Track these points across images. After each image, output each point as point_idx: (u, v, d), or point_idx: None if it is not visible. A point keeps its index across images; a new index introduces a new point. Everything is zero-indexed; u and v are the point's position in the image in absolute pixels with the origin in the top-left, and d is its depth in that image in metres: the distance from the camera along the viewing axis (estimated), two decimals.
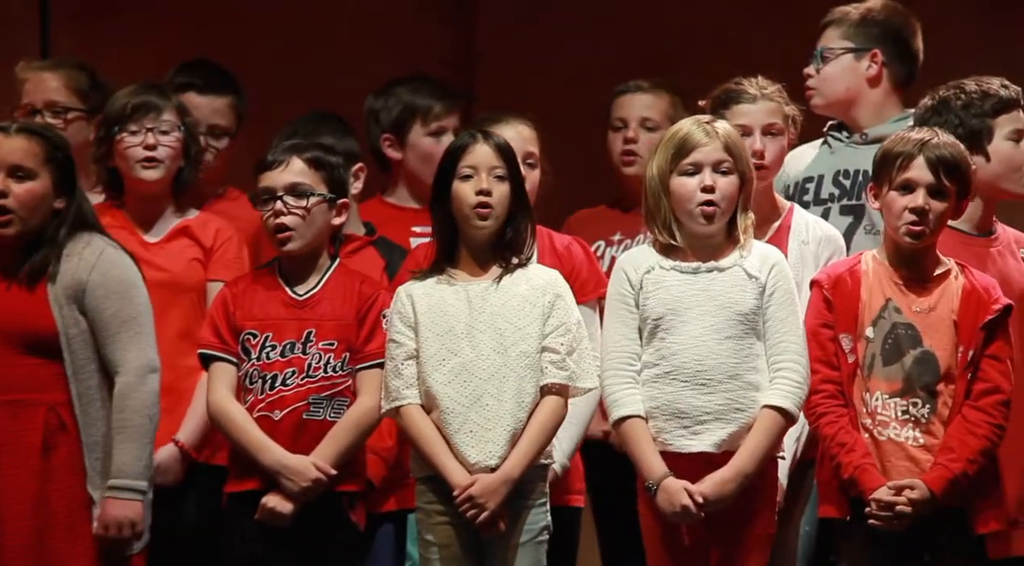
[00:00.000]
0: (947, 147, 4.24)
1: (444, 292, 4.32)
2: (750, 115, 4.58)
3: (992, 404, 4.18)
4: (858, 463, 4.16)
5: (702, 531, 4.21)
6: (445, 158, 4.36)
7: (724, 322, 4.22)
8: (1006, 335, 4.22)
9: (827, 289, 4.27)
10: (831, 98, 4.92)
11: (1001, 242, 4.57)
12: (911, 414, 4.19)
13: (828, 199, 4.86)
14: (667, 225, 4.27)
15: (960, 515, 4.18)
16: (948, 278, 4.25)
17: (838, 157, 4.92)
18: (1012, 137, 4.52)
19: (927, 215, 4.21)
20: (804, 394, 4.24)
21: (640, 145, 5.07)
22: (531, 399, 4.27)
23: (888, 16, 4.94)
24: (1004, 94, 4.52)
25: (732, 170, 4.25)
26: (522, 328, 4.29)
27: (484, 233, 4.32)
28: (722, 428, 4.20)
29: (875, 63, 4.91)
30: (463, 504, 4.21)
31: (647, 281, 4.27)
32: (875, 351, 4.22)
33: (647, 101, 5.10)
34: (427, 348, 4.29)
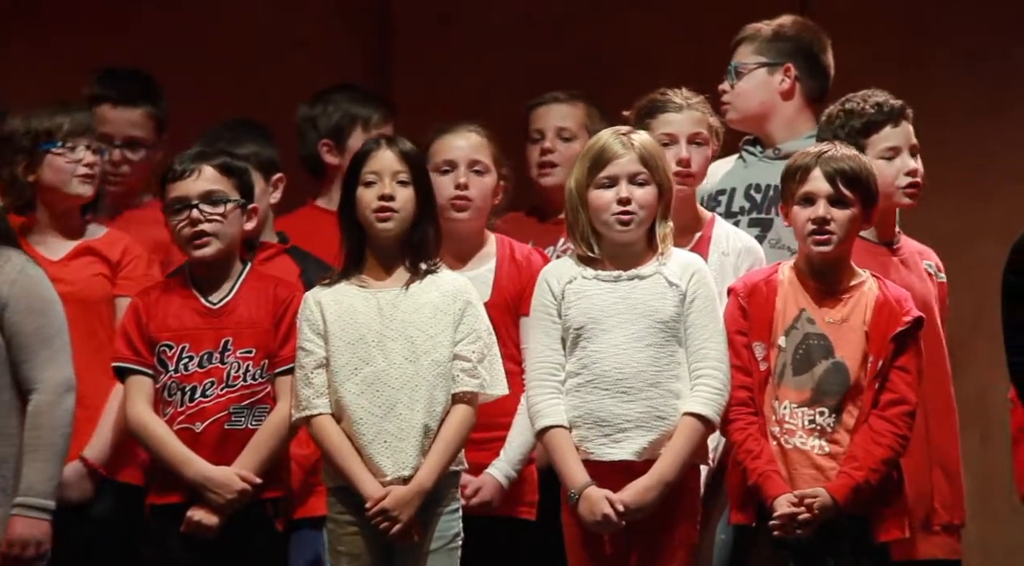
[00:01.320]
0: (845, 159, 4.29)
1: (354, 299, 4.32)
2: (676, 124, 4.62)
3: (897, 414, 4.23)
4: (762, 470, 4.21)
5: (624, 539, 4.23)
6: (350, 165, 4.40)
7: (645, 330, 4.25)
8: (916, 347, 4.27)
9: (742, 297, 4.31)
10: (746, 112, 4.98)
11: (904, 252, 4.63)
12: (817, 423, 4.23)
13: (739, 212, 4.91)
14: (586, 237, 4.31)
15: (863, 522, 4.22)
16: (862, 289, 4.30)
17: (751, 171, 4.97)
18: (885, 155, 4.56)
19: (829, 224, 4.25)
20: (725, 401, 4.28)
21: (557, 155, 5.12)
22: (442, 408, 4.29)
23: (799, 31, 5.01)
24: (873, 112, 4.56)
25: (649, 181, 4.29)
26: (433, 336, 4.31)
27: (387, 236, 4.33)
28: (643, 436, 4.23)
29: (788, 77, 4.97)
30: (376, 517, 4.22)
31: (569, 291, 4.30)
32: (786, 360, 4.26)
33: (563, 112, 5.14)
34: (338, 357, 4.29)
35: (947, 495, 4.55)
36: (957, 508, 4.57)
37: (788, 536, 4.18)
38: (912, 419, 4.24)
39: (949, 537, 4.56)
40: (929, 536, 4.52)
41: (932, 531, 4.53)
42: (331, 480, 4.33)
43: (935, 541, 4.54)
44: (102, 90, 5.00)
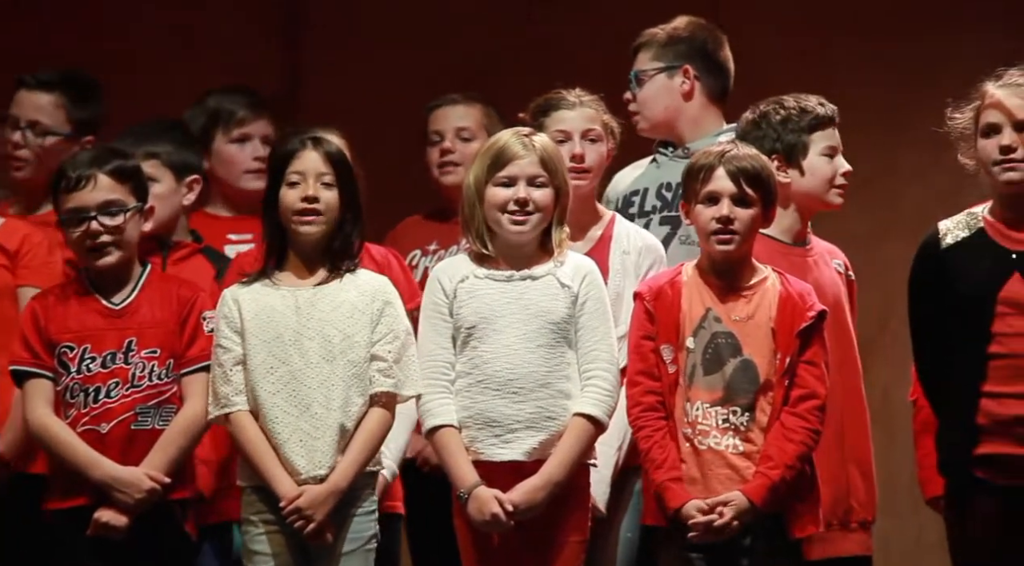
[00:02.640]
0: (747, 158, 4.31)
1: (271, 297, 4.32)
2: (569, 121, 4.64)
3: (808, 409, 4.23)
4: (661, 481, 4.22)
5: (514, 539, 4.24)
6: (274, 164, 4.37)
7: (536, 331, 4.26)
8: (821, 341, 4.28)
9: (648, 301, 4.32)
10: (653, 119, 4.99)
11: (816, 252, 4.65)
12: (731, 422, 4.24)
13: (651, 211, 4.92)
14: (480, 234, 4.32)
15: (777, 520, 4.23)
16: (765, 285, 4.31)
17: (663, 171, 4.98)
18: (826, 153, 4.60)
19: (733, 224, 4.26)
20: (614, 402, 4.29)
21: (457, 155, 5.14)
22: (358, 407, 4.29)
23: (693, 32, 5.02)
24: (820, 111, 4.60)
25: (547, 183, 4.30)
26: (351, 336, 4.31)
27: (311, 239, 4.33)
28: (533, 436, 4.24)
29: (687, 78, 4.98)
30: (290, 515, 4.21)
31: (461, 290, 4.31)
32: (696, 361, 4.26)
33: (461, 112, 5.17)
34: (255, 356, 4.29)
35: (862, 492, 4.55)
36: (870, 505, 4.58)
37: (707, 541, 4.18)
38: (823, 412, 4.25)
39: (865, 534, 4.57)
40: (847, 533, 4.53)
41: (850, 528, 4.54)
42: (247, 479, 4.32)
43: (853, 538, 4.55)
44: (24, 75, 4.98)
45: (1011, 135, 4.25)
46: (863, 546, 4.58)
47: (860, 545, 4.56)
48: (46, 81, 4.95)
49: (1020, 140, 4.25)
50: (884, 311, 4.72)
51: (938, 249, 4.36)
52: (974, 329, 4.26)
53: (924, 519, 4.62)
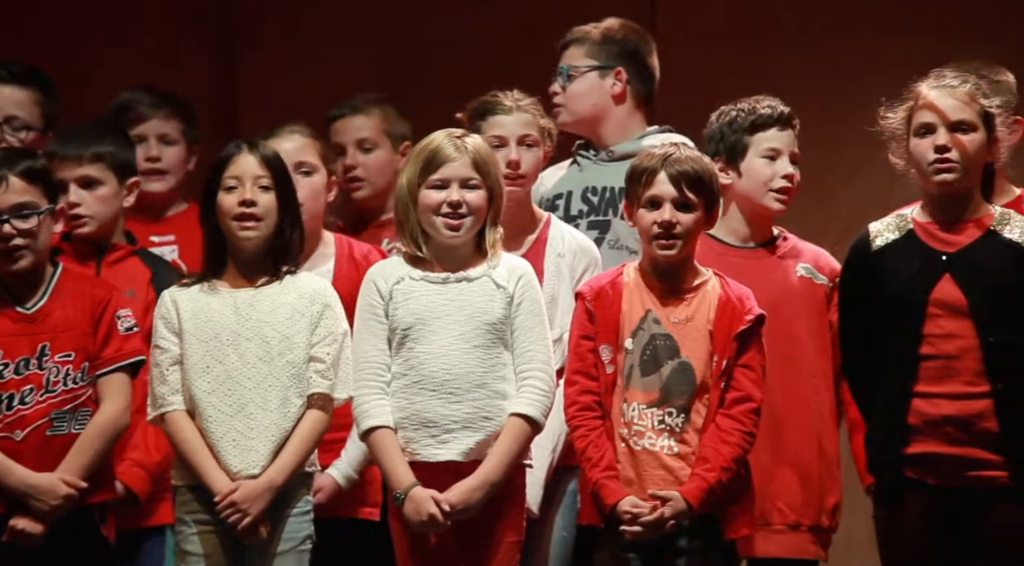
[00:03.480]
0: (689, 161, 4.31)
1: (210, 298, 4.32)
2: (506, 126, 4.64)
3: (743, 412, 4.25)
4: (598, 479, 4.22)
5: (451, 539, 4.24)
6: (211, 169, 4.37)
7: (472, 332, 4.27)
8: (759, 344, 4.30)
9: (589, 301, 4.32)
10: (579, 115, 4.99)
11: (779, 253, 4.64)
12: (666, 424, 4.25)
13: (577, 215, 4.92)
14: (415, 237, 4.32)
15: (712, 520, 4.25)
16: (705, 288, 4.32)
17: (586, 174, 4.98)
18: (767, 155, 4.60)
19: (674, 228, 4.27)
20: (550, 402, 4.30)
21: (360, 170, 5.11)
22: (296, 409, 4.29)
23: (627, 35, 5.03)
24: (764, 112, 4.60)
25: (480, 185, 4.31)
26: (289, 337, 4.31)
27: (249, 243, 4.32)
28: (469, 437, 4.25)
29: (619, 81, 4.99)
30: (225, 510, 4.21)
31: (396, 291, 4.31)
32: (634, 362, 4.28)
33: (359, 123, 5.14)
34: (191, 355, 4.29)
35: (796, 495, 4.54)
36: (809, 509, 4.56)
37: (641, 538, 4.19)
38: (757, 416, 4.26)
39: (796, 535, 4.55)
40: (770, 534, 4.53)
41: (773, 530, 4.54)
42: (182, 478, 4.31)
43: (776, 539, 4.53)
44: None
45: (946, 136, 4.28)
46: (789, 549, 4.55)
47: (785, 547, 4.54)
48: (18, 74, 4.89)
49: (954, 141, 4.29)
50: None
51: (868, 251, 4.39)
52: (905, 330, 4.29)
53: (854, 518, 4.65)
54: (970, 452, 4.23)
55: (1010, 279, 4.26)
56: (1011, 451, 4.22)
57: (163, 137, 5.09)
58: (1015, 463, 4.22)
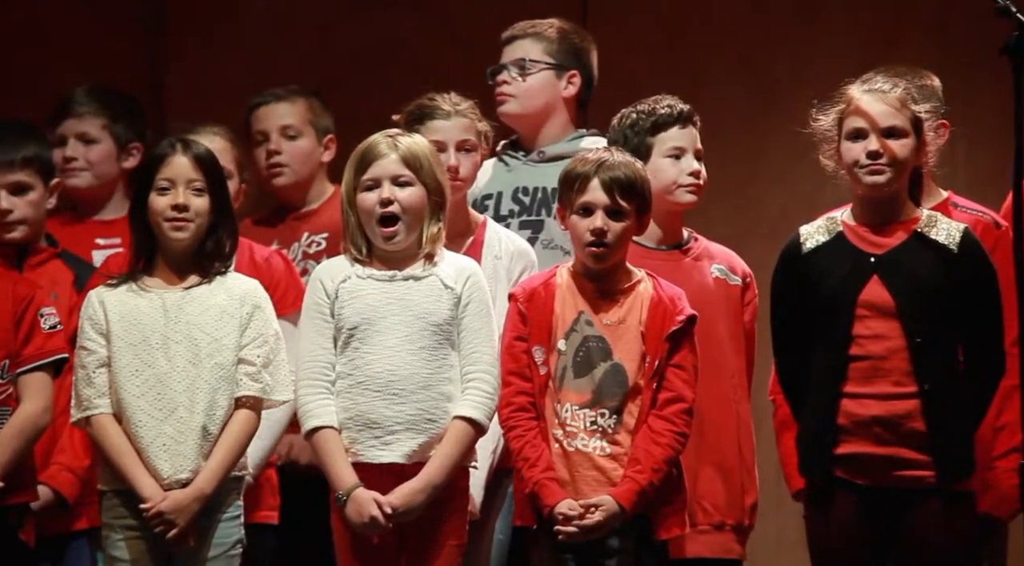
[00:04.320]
0: (622, 167, 4.32)
1: (138, 300, 4.28)
2: (444, 131, 4.63)
3: (675, 413, 4.27)
4: (537, 479, 4.23)
5: (393, 541, 4.24)
6: (143, 168, 4.33)
7: (418, 332, 4.26)
8: (691, 345, 4.32)
9: (522, 302, 4.33)
10: (528, 109, 5.00)
11: (692, 254, 4.67)
12: (599, 425, 4.26)
13: (508, 215, 4.94)
14: (355, 239, 4.31)
15: (644, 521, 4.27)
16: (637, 289, 4.33)
17: (516, 174, 4.99)
18: (671, 154, 4.61)
19: (606, 236, 4.28)
20: (495, 405, 4.30)
21: (284, 155, 5.08)
22: (224, 411, 4.26)
23: (582, 39, 5.06)
24: (664, 112, 4.62)
25: (413, 182, 4.29)
26: (218, 339, 4.27)
27: (181, 245, 4.29)
28: (413, 439, 4.24)
29: (572, 84, 5.02)
30: (153, 520, 4.17)
31: (343, 290, 4.29)
32: (567, 363, 4.29)
33: (283, 110, 5.10)
34: (120, 358, 4.24)
35: (720, 496, 4.57)
36: (733, 509, 4.59)
37: (574, 541, 4.20)
38: (690, 416, 4.29)
39: (721, 535, 4.58)
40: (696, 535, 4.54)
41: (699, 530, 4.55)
42: (109, 483, 4.27)
43: (702, 540, 4.54)
44: None
45: (877, 141, 4.33)
46: (715, 549, 4.57)
47: (711, 547, 4.56)
48: None
49: (884, 146, 4.34)
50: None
51: (799, 253, 4.43)
52: (834, 332, 4.33)
53: (785, 518, 4.70)
54: (898, 452, 4.28)
55: (936, 281, 4.32)
56: (937, 451, 4.27)
57: (82, 136, 5.02)
58: (941, 463, 4.27)
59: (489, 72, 5.04)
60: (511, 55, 5.02)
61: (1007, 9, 4.06)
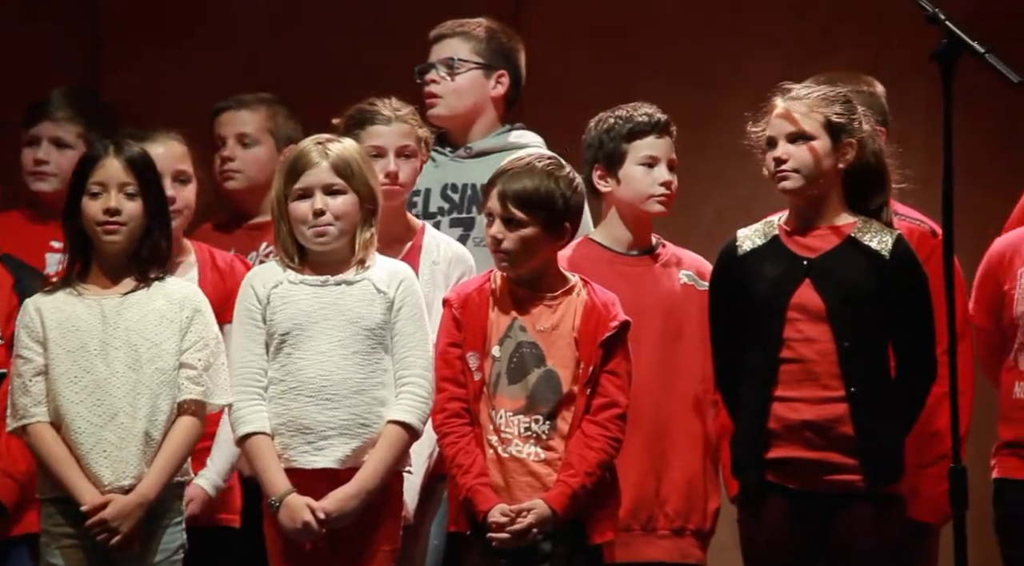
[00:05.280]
0: (523, 177, 4.28)
1: (76, 307, 4.25)
2: (384, 137, 4.63)
3: (609, 418, 4.27)
4: (471, 485, 4.23)
5: (326, 547, 4.23)
6: (76, 171, 4.30)
7: (351, 337, 4.25)
8: (624, 351, 4.32)
9: (456, 308, 4.33)
10: (457, 110, 5.01)
11: (662, 260, 4.68)
12: (533, 431, 4.27)
13: (437, 212, 4.95)
14: (287, 247, 4.31)
15: (577, 526, 4.27)
16: (571, 295, 4.33)
17: (444, 171, 5.00)
18: (645, 162, 4.63)
19: (501, 244, 4.27)
20: (429, 409, 4.30)
21: (237, 162, 5.08)
22: (166, 417, 4.24)
23: (510, 39, 5.08)
24: (641, 120, 4.63)
25: (345, 190, 4.29)
26: (159, 344, 4.26)
27: (115, 248, 4.27)
28: (346, 444, 4.23)
29: (501, 84, 5.03)
30: (95, 527, 4.15)
31: (275, 296, 4.28)
32: (501, 369, 4.29)
33: (244, 117, 5.11)
34: (58, 365, 4.22)
35: (679, 501, 4.58)
36: (693, 514, 4.60)
37: (506, 546, 4.21)
38: (623, 421, 4.29)
39: (680, 540, 4.59)
40: (653, 539, 4.57)
41: (657, 535, 4.57)
42: (47, 491, 4.24)
43: (660, 545, 4.57)
44: None
45: (783, 147, 4.37)
46: (674, 554, 4.58)
47: (670, 552, 4.57)
48: None
49: (791, 151, 4.36)
50: None
51: (735, 256, 4.45)
52: (766, 334, 4.36)
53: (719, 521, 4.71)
54: (827, 456, 4.30)
55: (867, 286, 4.34)
56: (865, 455, 4.29)
57: (56, 140, 5.00)
58: (869, 467, 4.29)
59: (417, 71, 5.05)
60: (439, 54, 5.03)
61: (936, 17, 4.09)
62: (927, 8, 4.10)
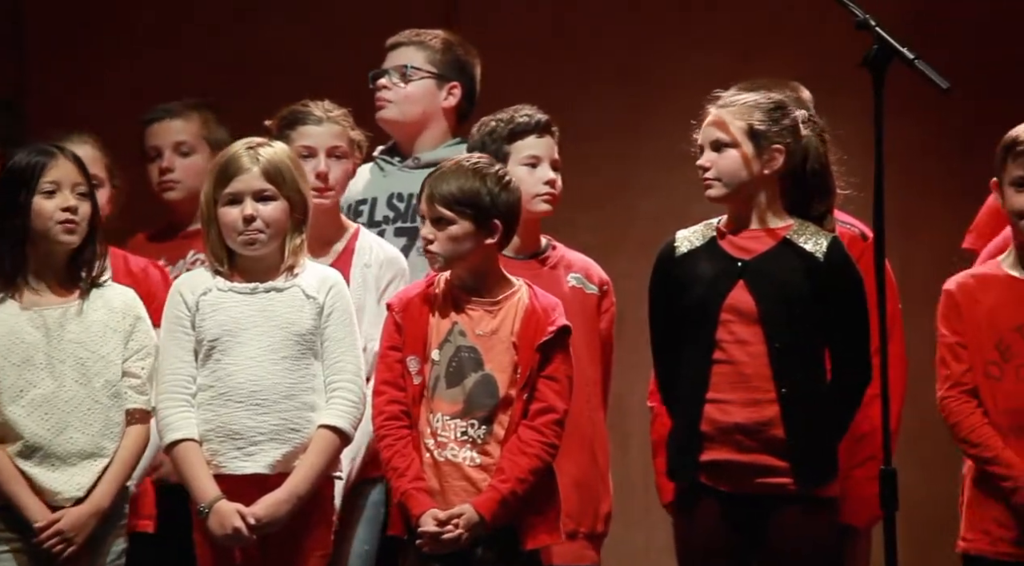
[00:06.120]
0: (451, 178, 4.29)
1: (18, 319, 4.23)
2: (315, 137, 4.63)
3: (545, 423, 4.27)
4: (405, 489, 4.23)
5: (256, 553, 4.22)
6: (17, 173, 4.25)
7: (281, 342, 4.25)
8: (564, 356, 4.32)
9: (397, 312, 4.33)
10: (408, 116, 5.01)
11: (550, 263, 4.69)
12: (469, 435, 4.27)
13: (382, 221, 4.94)
14: (216, 251, 4.30)
15: (511, 532, 4.27)
16: (512, 299, 4.33)
17: (391, 180, 5.00)
18: (528, 162, 4.63)
19: (431, 245, 4.28)
20: (360, 413, 4.30)
21: (177, 172, 5.05)
22: (118, 428, 4.24)
23: (466, 52, 5.08)
24: (521, 121, 4.64)
25: (276, 196, 4.28)
26: (104, 356, 4.25)
27: (67, 249, 4.25)
28: (276, 449, 4.23)
29: (453, 96, 5.03)
30: (49, 539, 4.14)
31: (203, 303, 4.28)
32: (440, 373, 4.29)
33: (178, 126, 5.07)
34: (3, 379, 4.20)
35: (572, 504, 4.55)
36: (584, 517, 4.60)
37: (436, 552, 4.21)
38: (560, 427, 4.28)
39: (573, 544, 4.58)
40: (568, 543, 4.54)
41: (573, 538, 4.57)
42: None
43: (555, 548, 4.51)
44: None
45: (707, 155, 4.39)
46: (568, 557, 4.57)
47: (564, 556, 4.56)
48: None
49: (714, 159, 4.36)
50: (618, 322, 4.81)
51: (672, 257, 4.46)
52: (701, 336, 4.36)
53: (654, 524, 4.73)
54: (759, 459, 4.31)
55: (801, 288, 4.35)
56: (796, 457, 4.30)
57: None
58: (800, 470, 4.30)
59: (371, 76, 5.04)
60: (394, 61, 5.03)
61: (866, 23, 4.12)
62: (857, 14, 4.12)
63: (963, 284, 4.49)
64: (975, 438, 4.41)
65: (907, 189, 5.26)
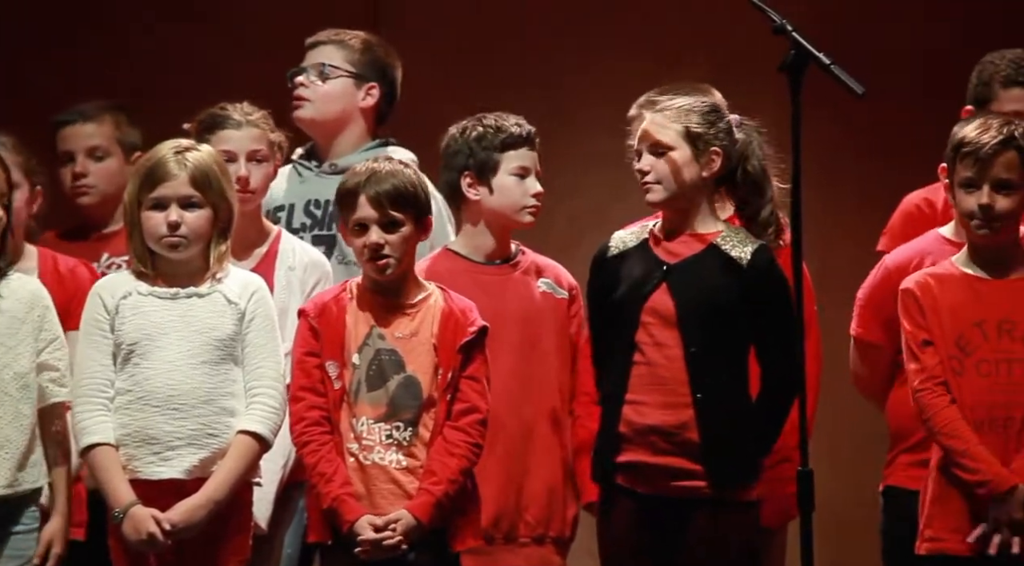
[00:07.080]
0: (390, 178, 4.30)
1: None
2: (234, 141, 4.62)
3: (470, 423, 4.28)
4: (336, 494, 4.22)
5: (173, 559, 4.21)
6: None
7: (200, 347, 4.23)
8: (483, 356, 4.34)
9: (313, 318, 4.32)
10: (325, 115, 5.00)
11: (521, 268, 4.68)
12: (394, 438, 4.26)
13: (300, 228, 4.93)
14: (140, 254, 4.28)
15: (439, 534, 4.27)
16: (428, 302, 4.34)
17: (308, 186, 4.98)
18: (517, 173, 4.63)
19: (383, 249, 4.28)
20: (280, 419, 4.29)
21: (91, 177, 4.99)
22: (29, 421, 4.21)
23: (387, 54, 5.08)
24: (515, 131, 4.64)
25: (202, 204, 4.27)
26: (12, 347, 4.22)
27: None
28: (194, 454, 4.21)
29: (371, 96, 5.02)
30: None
31: (124, 306, 4.25)
32: (360, 377, 4.28)
33: (90, 130, 5.00)
34: None
35: (541, 508, 4.58)
36: (555, 521, 4.61)
37: (374, 558, 4.20)
38: (484, 427, 4.30)
39: (541, 548, 4.59)
40: (516, 548, 4.56)
41: (519, 543, 4.57)
42: None
43: (522, 553, 4.56)
44: None
45: (645, 159, 4.40)
46: (534, 561, 4.58)
47: (530, 560, 4.57)
48: None
49: (652, 163, 4.38)
50: None
51: (605, 258, 4.48)
52: (621, 338, 4.38)
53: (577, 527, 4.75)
54: (673, 462, 4.33)
55: (723, 294, 4.37)
56: (709, 461, 4.32)
57: None
58: (712, 473, 4.32)
59: (289, 74, 5.03)
60: (312, 59, 5.02)
61: (783, 28, 4.14)
62: (775, 19, 4.15)
63: (922, 283, 4.46)
64: (950, 431, 4.37)
65: (824, 193, 5.30)
